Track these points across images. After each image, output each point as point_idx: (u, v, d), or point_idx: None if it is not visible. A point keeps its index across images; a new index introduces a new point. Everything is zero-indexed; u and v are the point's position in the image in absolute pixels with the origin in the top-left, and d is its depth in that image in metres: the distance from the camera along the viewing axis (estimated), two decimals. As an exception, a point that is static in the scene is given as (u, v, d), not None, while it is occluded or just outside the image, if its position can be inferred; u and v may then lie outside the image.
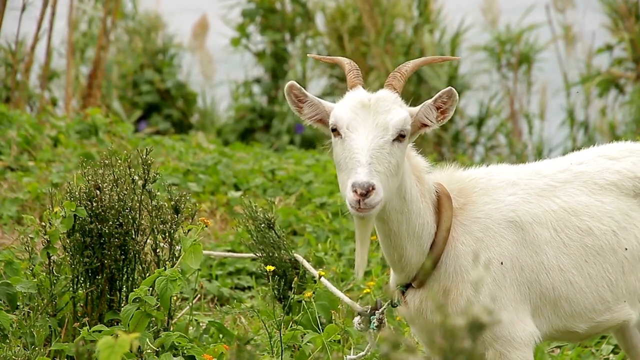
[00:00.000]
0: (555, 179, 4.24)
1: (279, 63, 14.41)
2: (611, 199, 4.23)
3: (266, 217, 5.63)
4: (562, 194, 4.21)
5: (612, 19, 13.28)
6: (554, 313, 4.14)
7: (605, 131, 13.48)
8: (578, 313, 4.15)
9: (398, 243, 4.06)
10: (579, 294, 4.14)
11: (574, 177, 4.26)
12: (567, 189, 4.22)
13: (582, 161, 4.33)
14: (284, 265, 5.58)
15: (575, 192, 4.22)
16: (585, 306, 4.15)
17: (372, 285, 5.72)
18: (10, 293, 4.92)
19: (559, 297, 4.12)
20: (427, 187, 4.10)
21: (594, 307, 4.17)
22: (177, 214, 4.93)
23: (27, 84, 10.28)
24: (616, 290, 4.18)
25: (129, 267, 4.95)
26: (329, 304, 5.35)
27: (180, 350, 4.69)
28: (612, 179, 4.26)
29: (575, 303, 4.14)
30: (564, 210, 4.17)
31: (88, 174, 4.92)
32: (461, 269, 4.05)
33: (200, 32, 15.00)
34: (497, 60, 14.24)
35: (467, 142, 14.04)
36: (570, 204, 4.19)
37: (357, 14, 14.15)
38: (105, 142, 8.97)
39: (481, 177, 4.23)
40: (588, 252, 4.15)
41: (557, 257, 4.12)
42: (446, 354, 2.63)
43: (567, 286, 4.12)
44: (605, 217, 4.20)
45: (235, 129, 14.12)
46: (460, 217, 4.11)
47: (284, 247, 5.60)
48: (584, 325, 4.18)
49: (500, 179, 4.21)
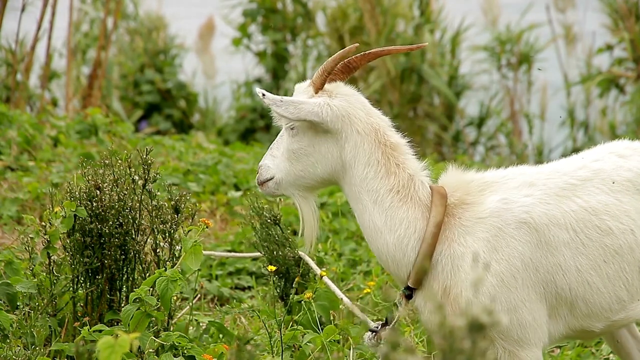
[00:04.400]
0: (575, 176, 4.18)
1: (280, 63, 14.41)
2: (628, 197, 4.19)
3: (272, 213, 5.64)
4: (583, 193, 4.15)
5: (613, 18, 13.28)
6: (570, 313, 4.11)
7: (605, 131, 13.48)
8: (594, 313, 4.12)
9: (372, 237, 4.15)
10: (596, 294, 4.10)
11: (593, 175, 4.20)
12: (587, 187, 4.16)
13: (597, 158, 4.27)
14: (287, 262, 5.58)
15: (595, 190, 4.16)
16: (602, 306, 4.11)
17: (372, 285, 5.72)
18: (10, 293, 4.93)
19: (576, 298, 4.08)
20: (406, 182, 4.11)
21: (610, 307, 4.13)
22: (177, 214, 4.93)
23: (27, 84, 10.28)
24: (632, 290, 4.15)
25: (129, 267, 4.95)
26: (328, 305, 5.35)
27: (180, 350, 4.69)
28: (627, 176, 4.21)
29: (592, 303, 4.10)
30: (585, 210, 4.12)
31: (88, 174, 4.93)
32: (459, 269, 4.03)
33: (206, 33, 15.01)
34: (497, 60, 14.24)
35: (467, 142, 14.04)
36: (591, 203, 4.13)
37: (358, 14, 14.16)
38: (105, 142, 8.97)
39: (496, 178, 4.19)
40: (607, 252, 4.10)
41: (574, 258, 4.08)
42: (445, 354, 2.63)
43: (584, 287, 4.08)
44: (624, 216, 4.15)
45: (236, 128, 14.12)
46: (462, 217, 4.08)
47: (289, 244, 5.60)
48: (599, 325, 4.15)
49: (517, 180, 4.16)
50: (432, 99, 13.95)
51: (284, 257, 5.58)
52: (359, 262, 6.84)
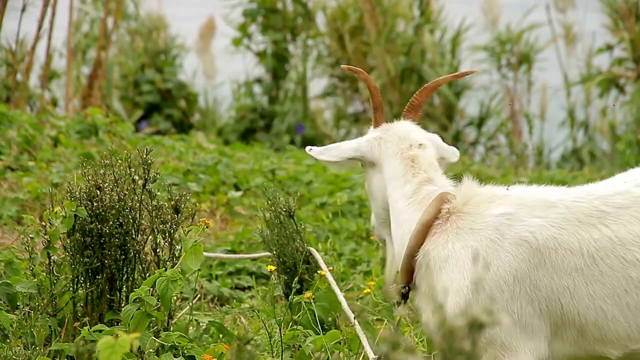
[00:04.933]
0: (609, 202, 3.98)
1: (280, 63, 14.41)
2: None
3: (288, 205, 5.63)
4: (613, 222, 3.95)
5: (613, 18, 13.28)
6: (580, 336, 3.99)
7: (605, 131, 13.48)
8: (610, 340, 3.98)
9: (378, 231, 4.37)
10: (612, 322, 3.95)
11: (631, 202, 3.98)
12: (620, 215, 3.95)
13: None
14: (295, 257, 5.55)
15: (629, 219, 3.96)
16: (618, 334, 3.97)
17: (372, 285, 5.72)
18: (10, 293, 4.93)
19: (586, 322, 3.96)
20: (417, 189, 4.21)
21: (629, 335, 3.98)
22: (177, 214, 4.93)
23: (27, 84, 10.29)
24: None
25: (129, 267, 4.95)
26: (329, 306, 5.35)
27: (180, 350, 4.69)
28: None
29: (606, 330, 3.96)
30: (609, 240, 3.93)
31: (88, 174, 4.93)
32: (441, 270, 4.01)
33: (206, 33, 15.02)
34: (497, 60, 14.24)
35: (467, 142, 14.04)
36: (620, 233, 3.94)
37: (358, 14, 14.16)
38: (105, 142, 8.97)
39: (512, 193, 4.09)
40: (630, 283, 3.93)
41: (588, 284, 3.93)
42: (445, 352, 2.64)
43: (596, 313, 3.95)
44: None
45: (236, 129, 14.13)
46: (457, 224, 4.04)
47: (300, 237, 5.58)
48: (616, 352, 3.99)
49: (535, 199, 4.04)
50: (432, 99, 13.95)
51: (293, 251, 5.56)
52: (359, 262, 6.85)
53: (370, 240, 7.15)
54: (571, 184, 9.21)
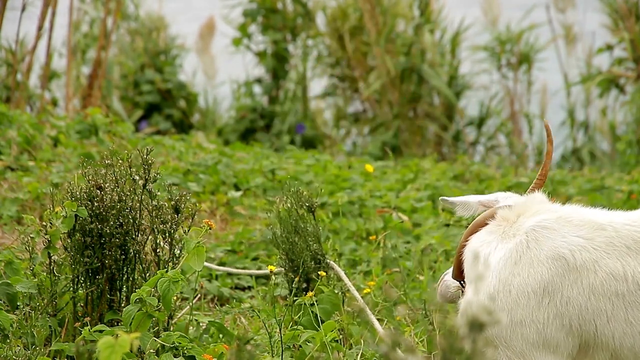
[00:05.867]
0: None
1: (280, 63, 14.42)
2: None
3: (310, 200, 5.56)
4: None
5: (613, 18, 13.29)
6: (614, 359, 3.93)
7: (605, 131, 13.48)
8: None
9: None
10: None
11: None
12: None
13: None
14: (303, 256, 5.50)
15: None
16: None
17: (372, 285, 5.71)
18: (10, 293, 4.92)
19: (621, 348, 3.87)
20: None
21: None
22: (177, 214, 4.93)
23: (27, 84, 10.29)
24: None
25: (129, 267, 4.95)
26: (330, 308, 5.34)
27: (180, 350, 4.69)
28: None
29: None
30: None
31: (89, 174, 4.93)
32: (471, 265, 4.08)
33: (206, 33, 15.03)
34: (497, 60, 14.25)
35: (467, 142, 14.05)
36: None
37: (358, 14, 14.16)
38: (105, 142, 8.97)
39: (565, 212, 4.04)
40: None
41: (628, 310, 3.85)
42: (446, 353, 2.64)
43: (633, 339, 3.86)
44: None
45: (236, 128, 14.13)
46: (505, 229, 4.07)
47: (315, 234, 5.53)
48: None
49: (582, 219, 3.97)
50: (432, 99, 13.95)
51: (302, 249, 5.50)
52: (359, 262, 6.84)
53: (370, 240, 7.15)
54: (571, 183, 9.23)
